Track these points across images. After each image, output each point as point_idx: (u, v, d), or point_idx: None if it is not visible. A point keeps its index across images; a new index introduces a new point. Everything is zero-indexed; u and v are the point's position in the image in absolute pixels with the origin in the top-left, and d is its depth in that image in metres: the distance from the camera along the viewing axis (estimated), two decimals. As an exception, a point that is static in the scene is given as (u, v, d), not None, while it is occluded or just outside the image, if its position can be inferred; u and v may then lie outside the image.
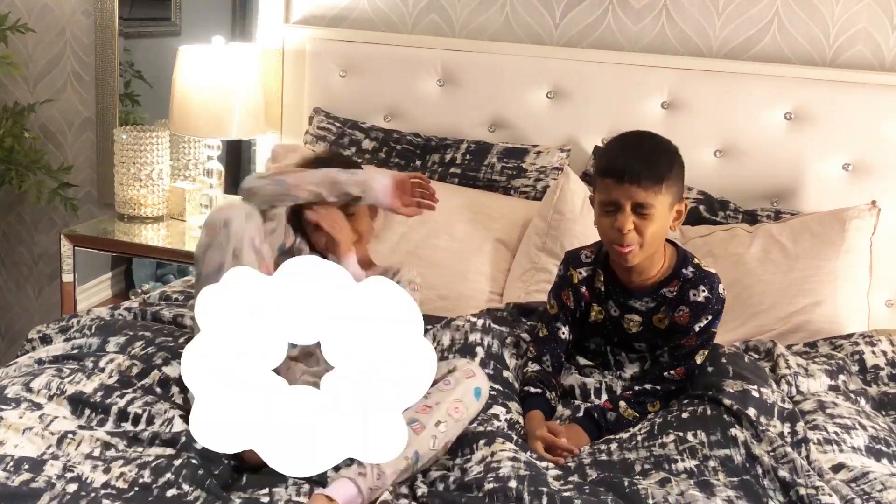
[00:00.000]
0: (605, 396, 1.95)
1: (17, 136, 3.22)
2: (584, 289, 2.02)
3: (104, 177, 3.36)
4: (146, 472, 1.55)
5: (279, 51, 3.09)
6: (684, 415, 1.81)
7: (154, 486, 1.52)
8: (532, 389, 1.93)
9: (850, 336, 2.26)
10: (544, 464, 1.67)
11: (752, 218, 2.62)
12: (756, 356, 2.16)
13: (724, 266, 2.45)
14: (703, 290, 1.91)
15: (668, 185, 1.83)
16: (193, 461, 1.58)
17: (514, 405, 1.88)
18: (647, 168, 1.83)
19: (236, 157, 3.40)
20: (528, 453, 1.68)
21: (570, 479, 1.64)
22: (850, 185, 2.63)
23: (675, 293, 1.93)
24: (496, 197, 2.75)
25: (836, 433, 1.81)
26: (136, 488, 1.51)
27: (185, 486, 1.53)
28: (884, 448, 1.79)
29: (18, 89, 3.41)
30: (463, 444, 1.69)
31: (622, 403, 1.88)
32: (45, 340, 2.11)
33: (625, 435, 1.81)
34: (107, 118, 3.33)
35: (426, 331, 2.20)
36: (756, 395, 1.83)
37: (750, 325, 2.36)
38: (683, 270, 1.93)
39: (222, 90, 2.90)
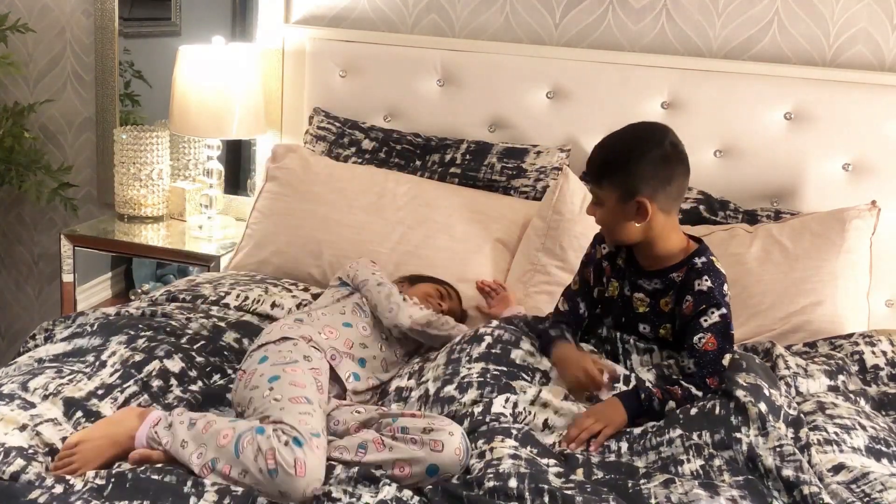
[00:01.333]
0: (633, 384, 1.94)
1: (17, 136, 3.22)
2: (605, 263, 2.10)
3: (104, 177, 3.36)
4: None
5: (279, 51, 3.09)
6: (693, 410, 1.81)
7: (128, 472, 1.55)
8: (552, 332, 2.04)
9: (850, 336, 2.27)
10: (545, 461, 1.67)
11: (752, 218, 2.62)
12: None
13: (724, 266, 2.44)
14: (707, 281, 1.93)
15: (609, 179, 1.95)
16: None
17: (518, 384, 1.87)
18: (592, 159, 2.00)
19: (236, 157, 3.39)
20: (528, 449, 1.68)
21: (573, 477, 1.63)
22: (850, 185, 2.63)
23: (681, 278, 1.96)
24: (496, 197, 2.75)
25: (836, 433, 1.81)
26: (113, 479, 1.53)
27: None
28: (884, 448, 1.79)
29: (18, 89, 3.41)
30: None
31: (671, 404, 1.87)
32: (50, 338, 2.12)
33: (636, 431, 1.80)
34: (107, 118, 3.33)
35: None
36: (767, 393, 1.83)
37: (750, 325, 2.36)
38: (695, 260, 1.97)
39: (222, 90, 2.90)
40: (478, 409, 1.78)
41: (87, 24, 3.29)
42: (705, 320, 1.91)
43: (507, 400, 1.81)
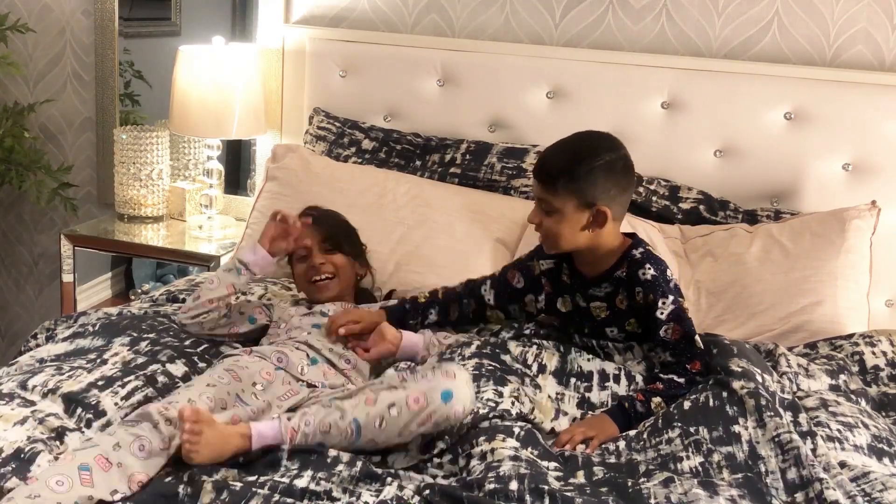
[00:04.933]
0: (624, 381, 1.95)
1: (17, 136, 3.22)
2: (544, 280, 2.10)
3: (104, 177, 3.36)
4: None
5: (279, 51, 3.09)
6: (686, 404, 1.81)
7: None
8: (406, 302, 2.15)
9: (850, 336, 2.26)
10: (545, 463, 1.67)
11: (752, 218, 2.62)
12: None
13: (724, 266, 2.46)
14: (650, 269, 1.95)
15: (567, 187, 1.92)
16: None
17: (513, 378, 1.88)
18: (546, 167, 1.96)
19: (236, 157, 3.39)
20: (529, 450, 1.68)
21: (572, 480, 1.63)
22: (850, 185, 2.63)
23: (625, 273, 1.98)
24: (496, 197, 2.75)
25: (838, 430, 1.81)
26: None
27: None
28: (886, 447, 1.79)
29: (18, 89, 3.41)
30: (462, 440, 1.69)
31: (656, 399, 1.88)
32: (51, 338, 2.11)
33: (632, 433, 1.81)
34: (107, 118, 3.33)
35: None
36: (760, 378, 1.84)
37: (750, 324, 2.36)
38: (633, 252, 1.99)
39: (222, 90, 2.90)
40: (482, 409, 1.78)
41: (87, 24, 3.29)
42: (661, 312, 1.93)
43: (513, 404, 1.81)
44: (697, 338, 1.95)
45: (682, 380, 1.90)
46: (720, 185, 2.71)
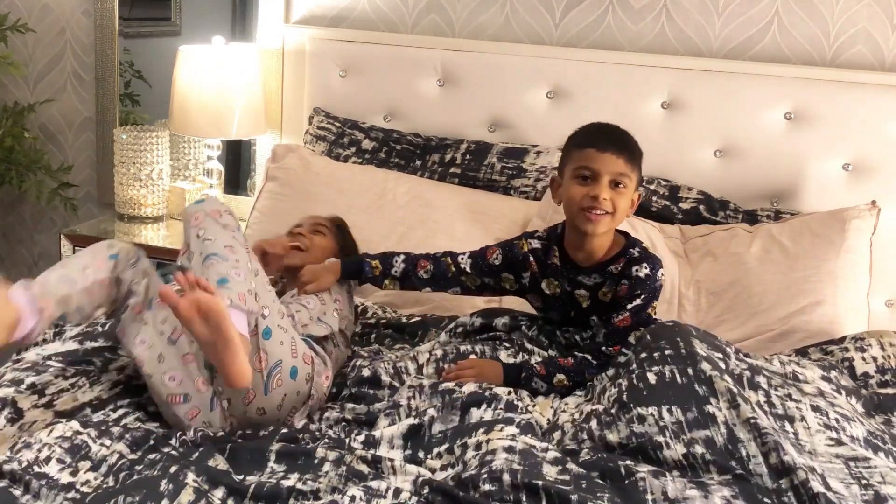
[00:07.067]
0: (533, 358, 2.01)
1: (17, 136, 3.22)
2: (532, 259, 2.12)
3: (104, 177, 3.37)
4: (110, 480, 1.54)
5: (279, 51, 3.09)
6: (651, 377, 1.76)
7: (117, 484, 1.52)
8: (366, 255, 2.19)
9: (841, 341, 2.21)
10: (542, 454, 1.65)
11: (752, 218, 2.62)
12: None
13: (724, 266, 2.45)
14: (646, 268, 2.00)
15: (637, 168, 2.01)
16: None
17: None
18: (626, 144, 2.02)
19: (236, 157, 3.40)
20: (528, 437, 1.68)
21: (568, 466, 1.60)
22: (850, 185, 2.63)
23: (619, 269, 2.02)
24: (496, 197, 2.75)
25: (836, 420, 1.80)
26: (100, 491, 1.50)
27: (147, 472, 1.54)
28: (880, 444, 1.78)
29: (18, 89, 3.41)
30: (462, 432, 1.69)
31: (560, 376, 1.95)
32: (59, 334, 2.11)
33: (599, 407, 1.78)
34: (107, 118, 3.33)
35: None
36: (722, 365, 1.83)
37: (750, 324, 2.36)
38: (631, 250, 2.04)
39: (222, 90, 2.90)
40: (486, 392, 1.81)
41: (87, 24, 3.30)
42: (632, 304, 1.99)
43: (509, 393, 1.82)
44: (637, 333, 1.98)
45: (595, 361, 1.97)
46: (720, 185, 2.71)
